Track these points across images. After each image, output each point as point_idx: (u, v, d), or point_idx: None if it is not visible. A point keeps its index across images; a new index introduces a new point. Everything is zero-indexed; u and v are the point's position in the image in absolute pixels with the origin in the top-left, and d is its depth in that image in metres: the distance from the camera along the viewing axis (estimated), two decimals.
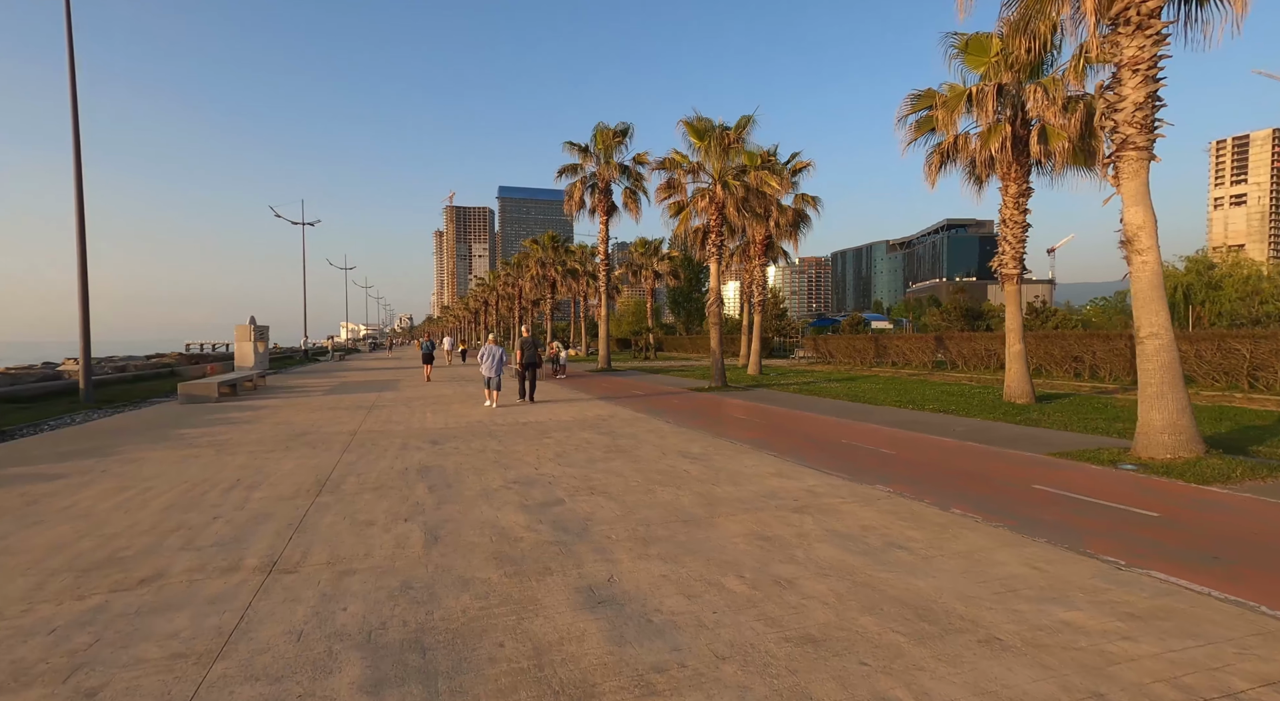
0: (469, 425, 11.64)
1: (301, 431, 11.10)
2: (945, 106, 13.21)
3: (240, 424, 12.19)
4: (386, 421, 12.28)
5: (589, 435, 10.29)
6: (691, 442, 9.46)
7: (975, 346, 24.11)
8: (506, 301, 69.34)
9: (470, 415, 13.05)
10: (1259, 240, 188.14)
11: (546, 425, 11.52)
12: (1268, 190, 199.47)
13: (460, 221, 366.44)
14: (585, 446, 9.24)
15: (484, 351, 14.47)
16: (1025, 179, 13.64)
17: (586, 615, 3.64)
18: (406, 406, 14.88)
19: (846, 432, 10.59)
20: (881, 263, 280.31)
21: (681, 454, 8.56)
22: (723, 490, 6.55)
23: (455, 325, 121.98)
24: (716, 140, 17.60)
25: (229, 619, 3.65)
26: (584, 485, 6.85)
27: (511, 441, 9.77)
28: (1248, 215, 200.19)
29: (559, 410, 13.81)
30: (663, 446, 9.16)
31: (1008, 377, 14.08)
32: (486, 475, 7.41)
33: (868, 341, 30.80)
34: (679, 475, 7.27)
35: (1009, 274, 13.92)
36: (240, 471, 7.77)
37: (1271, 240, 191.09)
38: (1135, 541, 4.88)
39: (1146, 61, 7.32)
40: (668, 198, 19.77)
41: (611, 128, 28.57)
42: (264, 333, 32.33)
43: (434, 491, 6.66)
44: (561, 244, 45.46)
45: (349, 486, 6.93)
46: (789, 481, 6.91)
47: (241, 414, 13.86)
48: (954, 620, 3.51)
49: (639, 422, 11.73)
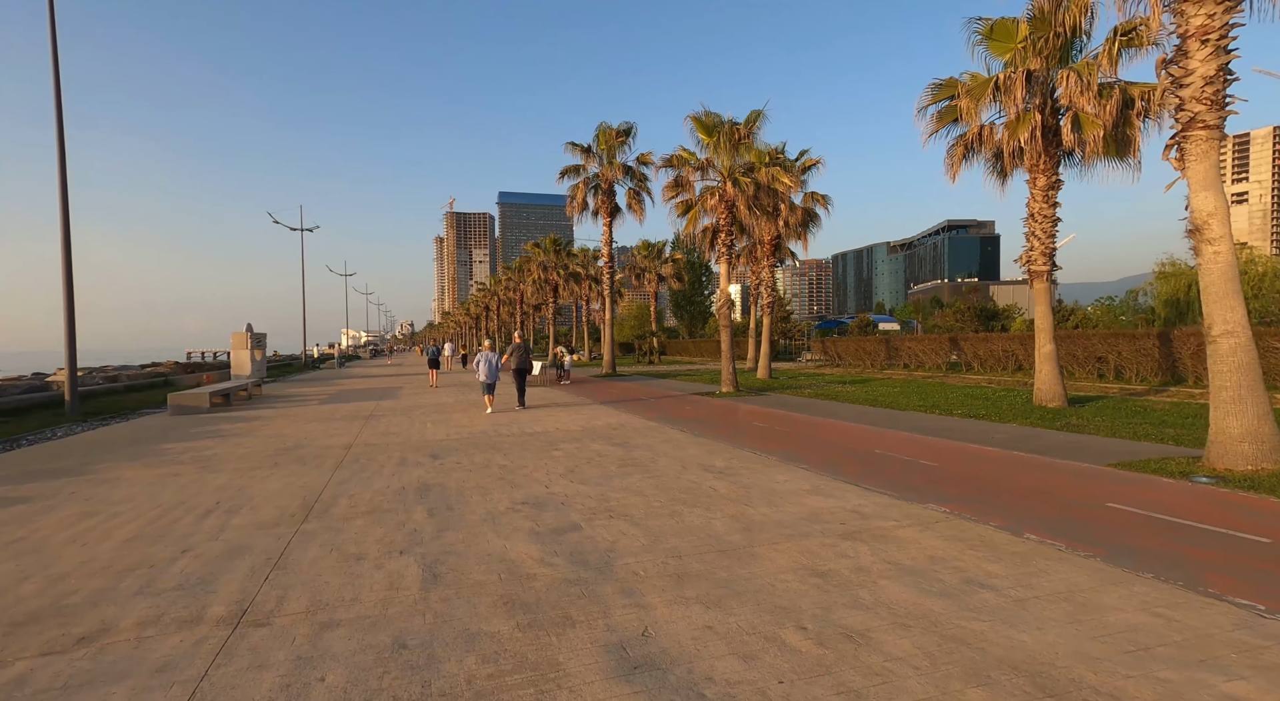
0: (471, 436, 10.94)
1: (293, 445, 10.39)
2: (970, 95, 12.53)
3: (229, 437, 11.49)
4: (384, 433, 11.58)
5: (601, 447, 9.58)
6: (713, 455, 8.74)
7: (992, 347, 23.36)
8: (508, 306, 68.70)
9: (472, 425, 12.34)
10: (1261, 238, 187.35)
11: (554, 436, 10.81)
12: (1269, 188, 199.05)
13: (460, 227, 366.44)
14: (598, 459, 8.53)
15: (479, 358, 14.92)
16: (1054, 170, 12.94)
17: (622, 687, 2.92)
18: (406, 416, 14.18)
19: (877, 441, 9.87)
20: (882, 264, 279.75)
21: (704, 468, 7.84)
22: (758, 512, 5.83)
23: (456, 331, 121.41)
24: (726, 136, 16.92)
25: (177, 696, 2.94)
26: (601, 506, 6.14)
27: (518, 455, 9.05)
28: (1249, 213, 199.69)
29: (566, 418, 13.11)
30: (682, 459, 8.45)
31: (1038, 380, 13.35)
32: (492, 495, 6.69)
33: (878, 343, 30.06)
34: (706, 493, 6.56)
35: (1038, 271, 13.20)
36: (220, 493, 7.06)
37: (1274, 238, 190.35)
38: (1260, 577, 4.15)
39: (1218, 30, 6.63)
40: (674, 196, 19.08)
41: (614, 127, 27.94)
42: (261, 340, 31.69)
43: (434, 515, 5.95)
44: (564, 247, 44.79)
45: (339, 510, 6.22)
46: (830, 500, 6.19)
47: (232, 426, 13.16)
48: (1088, 694, 2.78)
49: (652, 432, 11.02)
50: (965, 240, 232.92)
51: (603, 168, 28.26)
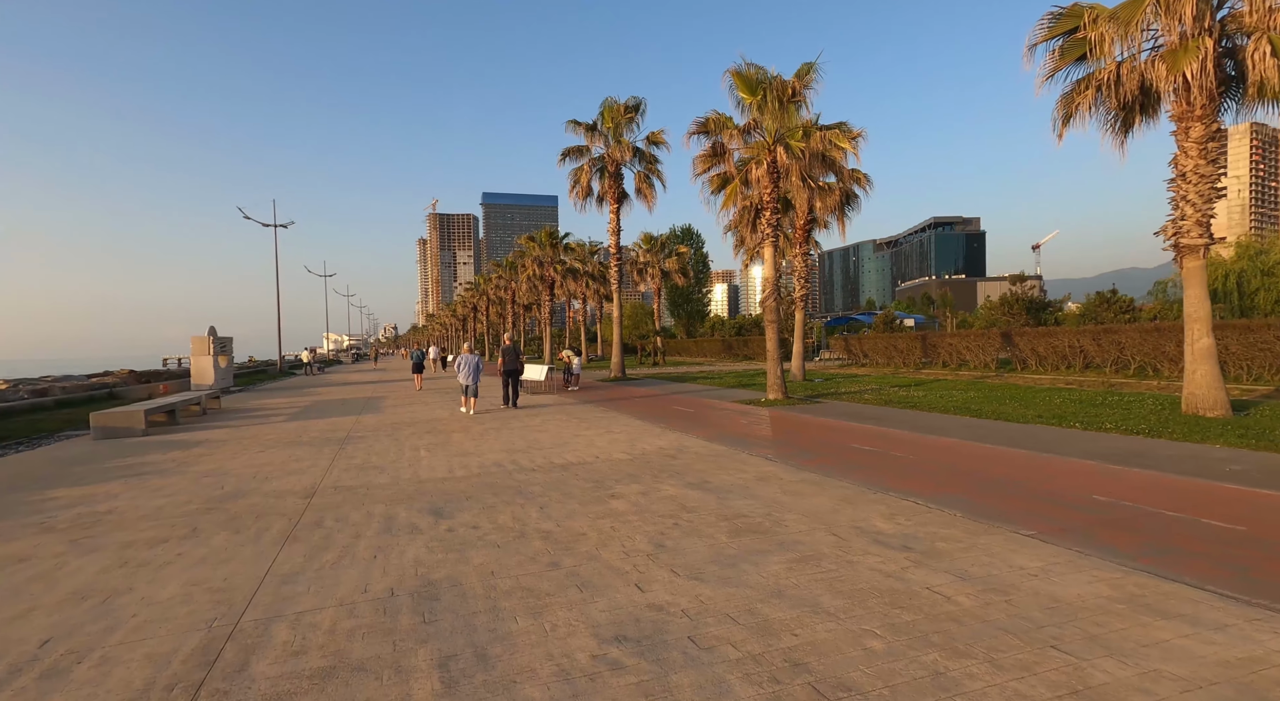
0: (484, 471, 7.99)
1: (233, 491, 7.38)
2: (1115, 20, 9.81)
3: (149, 476, 8.43)
4: (363, 466, 8.59)
5: (674, 489, 6.68)
6: (854, 505, 5.89)
7: (1055, 343, 20.80)
8: (497, 306, 65.40)
9: (481, 452, 9.39)
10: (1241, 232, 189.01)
11: (597, 469, 7.89)
12: (1247, 183, 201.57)
13: (444, 228, 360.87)
14: (687, 518, 5.64)
15: (460, 360, 14.63)
16: (1214, 116, 10.30)
17: None
18: (392, 438, 11.18)
19: (1067, 477, 7.09)
20: (869, 262, 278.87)
21: (871, 537, 4.98)
22: (1099, 671, 2.98)
23: (442, 333, 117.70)
24: (774, 93, 14.08)
25: None
26: (765, 646, 3.24)
27: (560, 507, 6.13)
28: (1228, 208, 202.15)
29: (597, 438, 10.20)
30: (817, 516, 5.58)
31: (1191, 384, 10.67)
32: (552, 616, 3.75)
33: (912, 340, 27.46)
34: (935, 608, 3.68)
35: (1191, 245, 10.54)
36: (66, 608, 4.06)
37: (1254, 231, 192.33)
38: None
39: None
40: (707, 170, 16.15)
41: (622, 103, 24.99)
42: (227, 345, 28.31)
43: (455, 684, 3.03)
44: (560, 241, 41.67)
45: (268, 660, 3.28)
46: (1202, 631, 3.36)
47: (164, 456, 10.08)
48: None
49: (725, 461, 8.14)
50: (951, 237, 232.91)
51: (609, 148, 25.30)
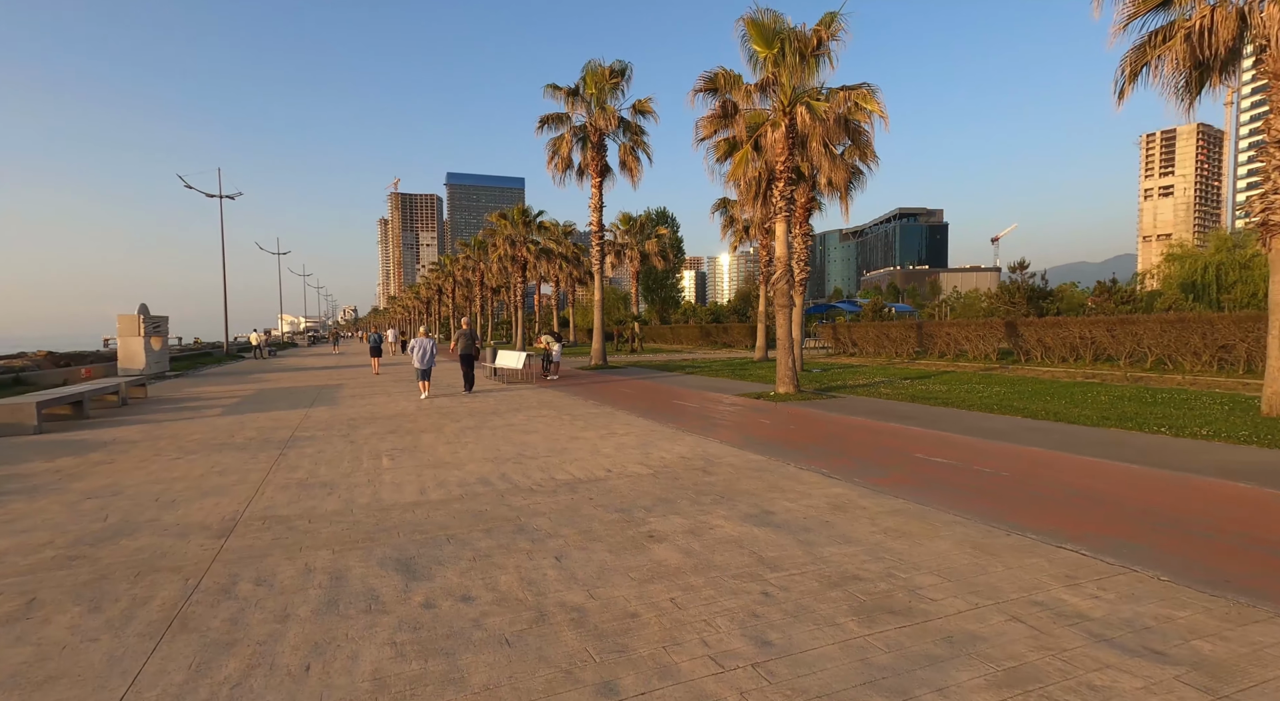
0: (467, 491, 6.13)
1: (118, 523, 5.36)
2: None
3: (12, 496, 6.29)
4: (307, 480, 6.63)
5: (730, 525, 4.96)
6: (995, 556, 4.24)
7: (1064, 334, 19.76)
8: (464, 288, 62.54)
9: (460, 461, 7.50)
10: (1185, 230, 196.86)
11: (615, 489, 6.12)
12: (1193, 182, 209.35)
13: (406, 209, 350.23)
14: (771, 580, 3.91)
15: (414, 344, 14.24)
16: None
17: None
18: (347, 438, 9.18)
19: (1214, 500, 5.62)
20: (835, 251, 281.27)
21: (1080, 626, 3.31)
22: None
23: (404, 316, 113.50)
24: (793, 46, 12.33)
25: None
26: None
27: (586, 558, 4.32)
28: (1174, 206, 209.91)
29: (600, 440, 8.42)
30: (953, 574, 3.92)
31: (1275, 382, 9.46)
32: None
33: (907, 329, 26.32)
34: None
35: None
36: None
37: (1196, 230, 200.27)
38: None
39: None
40: (713, 134, 14.32)
41: (606, 66, 22.87)
42: (161, 324, 25.41)
43: None
44: (534, 219, 39.28)
45: None
46: None
47: (48, 464, 7.90)
48: None
49: (774, 477, 6.46)
50: (915, 228, 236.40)
51: (592, 115, 23.17)
